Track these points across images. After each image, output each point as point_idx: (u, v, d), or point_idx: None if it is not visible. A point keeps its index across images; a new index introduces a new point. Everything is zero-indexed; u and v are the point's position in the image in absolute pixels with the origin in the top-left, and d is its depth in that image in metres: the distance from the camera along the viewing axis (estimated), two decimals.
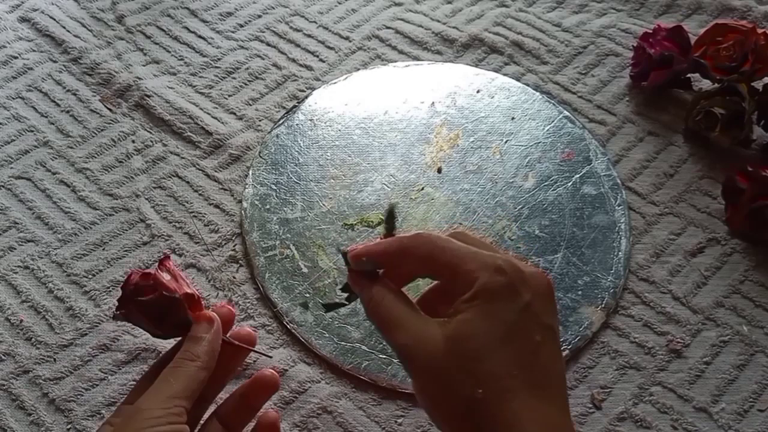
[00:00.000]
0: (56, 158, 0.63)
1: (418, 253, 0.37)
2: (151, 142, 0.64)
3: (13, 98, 0.67)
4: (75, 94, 0.67)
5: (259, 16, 0.74)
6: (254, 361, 0.52)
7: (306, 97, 0.67)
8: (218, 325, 0.42)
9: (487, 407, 0.33)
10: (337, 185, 0.61)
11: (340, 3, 0.75)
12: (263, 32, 0.72)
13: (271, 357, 0.52)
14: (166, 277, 0.42)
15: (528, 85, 0.67)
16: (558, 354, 0.36)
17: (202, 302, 0.43)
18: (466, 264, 0.36)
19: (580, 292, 0.55)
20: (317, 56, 0.70)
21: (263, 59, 0.70)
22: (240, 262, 0.57)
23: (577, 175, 0.61)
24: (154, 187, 0.61)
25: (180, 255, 0.57)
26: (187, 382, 0.39)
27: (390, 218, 0.42)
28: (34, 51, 0.71)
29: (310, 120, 0.65)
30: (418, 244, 0.37)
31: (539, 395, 0.34)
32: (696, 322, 0.54)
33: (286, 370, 0.52)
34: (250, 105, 0.67)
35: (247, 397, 0.45)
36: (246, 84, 0.68)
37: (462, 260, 0.36)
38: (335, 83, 0.68)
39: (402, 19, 0.73)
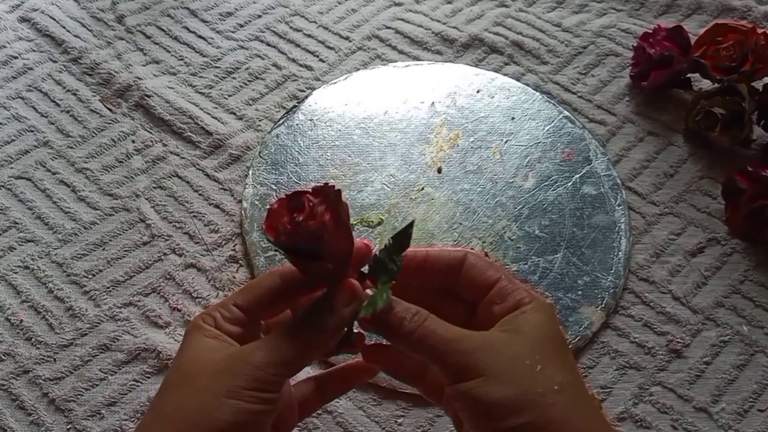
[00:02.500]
0: (56, 158, 0.63)
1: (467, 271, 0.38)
2: (151, 142, 0.64)
3: (13, 98, 0.67)
4: (75, 94, 0.67)
5: (259, 16, 0.74)
6: None
7: (306, 97, 0.67)
8: (358, 305, 0.37)
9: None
10: (337, 185, 0.61)
11: (340, 3, 0.75)
12: (263, 32, 0.72)
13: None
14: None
15: (528, 85, 0.67)
16: None
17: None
18: (510, 282, 0.37)
19: (580, 292, 0.55)
20: (317, 56, 0.70)
21: (263, 59, 0.70)
22: (240, 262, 0.57)
23: (577, 175, 0.61)
24: (154, 187, 0.61)
25: (180, 255, 0.57)
26: (305, 354, 0.35)
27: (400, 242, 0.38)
28: (34, 51, 0.71)
29: (310, 120, 0.65)
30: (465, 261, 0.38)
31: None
32: (696, 322, 0.54)
33: None
34: (250, 105, 0.67)
35: (346, 372, 0.42)
36: (246, 84, 0.68)
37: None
38: (335, 83, 0.68)
39: (402, 19, 0.73)
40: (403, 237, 0.38)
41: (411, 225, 0.38)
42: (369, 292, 0.38)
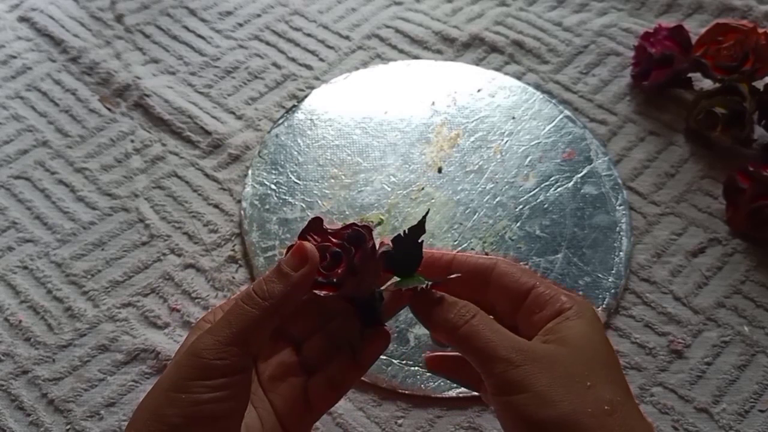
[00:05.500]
0: (55, 158, 0.63)
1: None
2: (150, 141, 0.64)
3: (12, 98, 0.67)
4: (74, 94, 0.67)
5: (259, 15, 0.73)
6: None
7: (305, 96, 0.67)
8: (312, 268, 0.35)
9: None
10: (337, 185, 0.60)
11: (339, 2, 0.75)
12: (262, 31, 0.72)
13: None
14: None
15: (529, 84, 0.67)
16: None
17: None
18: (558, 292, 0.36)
19: (581, 293, 0.55)
20: (317, 55, 0.70)
21: (262, 58, 0.70)
22: (239, 262, 0.57)
23: (578, 175, 0.61)
24: (153, 187, 0.61)
25: (179, 255, 0.57)
26: (247, 326, 0.33)
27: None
28: (33, 50, 0.71)
29: (310, 119, 0.65)
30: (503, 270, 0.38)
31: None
32: (697, 322, 0.54)
33: None
34: (250, 104, 0.67)
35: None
36: (245, 83, 0.68)
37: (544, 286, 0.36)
38: (335, 82, 0.68)
39: (402, 18, 0.73)
40: (418, 228, 0.37)
41: (425, 216, 0.37)
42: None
